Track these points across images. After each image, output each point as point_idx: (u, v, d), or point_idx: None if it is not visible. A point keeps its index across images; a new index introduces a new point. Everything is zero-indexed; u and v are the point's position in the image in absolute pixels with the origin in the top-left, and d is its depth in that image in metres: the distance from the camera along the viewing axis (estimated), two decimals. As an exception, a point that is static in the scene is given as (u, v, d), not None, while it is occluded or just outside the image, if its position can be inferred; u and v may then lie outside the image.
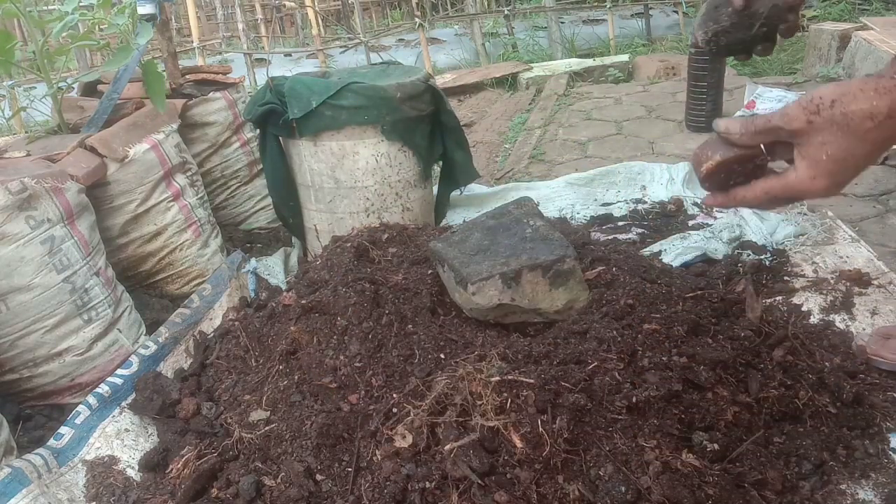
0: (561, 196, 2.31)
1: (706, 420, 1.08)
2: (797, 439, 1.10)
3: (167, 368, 1.48)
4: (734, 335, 1.23)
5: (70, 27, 1.77)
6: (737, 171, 0.86)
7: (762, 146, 0.83)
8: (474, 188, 2.47)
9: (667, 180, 2.29)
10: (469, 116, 3.84)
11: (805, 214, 1.92)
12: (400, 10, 7.71)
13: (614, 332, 1.17)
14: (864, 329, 1.41)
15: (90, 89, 2.17)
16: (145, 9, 1.91)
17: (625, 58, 4.43)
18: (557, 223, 1.92)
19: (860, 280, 1.55)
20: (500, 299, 1.26)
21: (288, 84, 1.81)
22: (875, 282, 1.55)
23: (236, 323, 1.50)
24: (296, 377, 1.24)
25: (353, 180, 1.87)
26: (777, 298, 1.51)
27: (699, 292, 1.39)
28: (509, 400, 1.03)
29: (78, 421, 1.28)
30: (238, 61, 5.17)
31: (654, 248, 1.81)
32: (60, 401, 1.50)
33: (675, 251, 1.76)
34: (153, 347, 1.48)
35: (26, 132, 2.17)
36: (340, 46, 5.68)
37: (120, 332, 1.56)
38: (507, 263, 1.28)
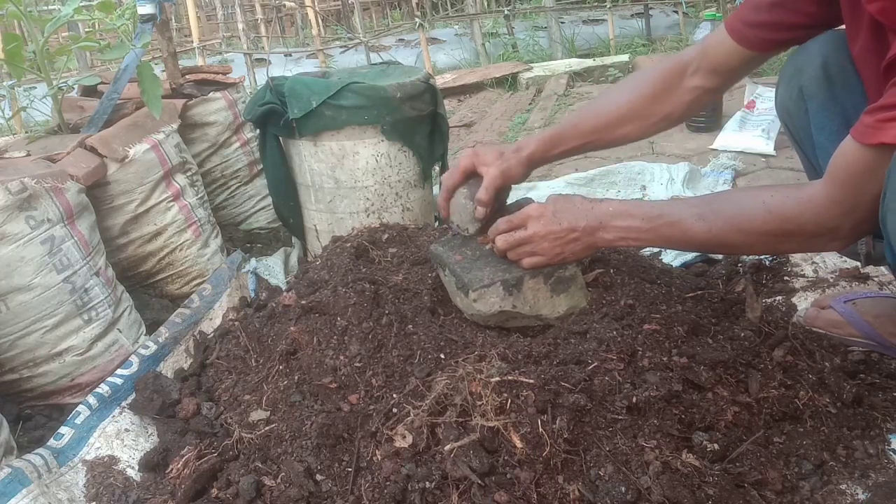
0: (561, 196, 2.30)
1: (706, 420, 1.08)
2: (797, 439, 1.10)
3: (167, 368, 1.48)
4: (734, 335, 1.23)
5: (63, 23, 1.77)
6: None
7: None
8: (474, 188, 2.47)
9: (667, 180, 2.29)
10: (469, 116, 3.84)
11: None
12: (400, 10, 7.71)
13: (614, 333, 1.17)
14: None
15: (90, 90, 2.17)
16: (145, 9, 1.91)
17: (625, 58, 4.43)
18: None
19: (859, 279, 1.55)
20: (501, 306, 1.26)
21: (288, 84, 1.81)
22: (874, 280, 1.54)
23: (236, 323, 1.50)
24: (296, 377, 1.24)
25: (353, 180, 1.87)
26: (777, 298, 1.51)
27: (699, 292, 1.39)
28: (509, 400, 1.03)
29: (78, 421, 1.28)
30: (238, 61, 5.17)
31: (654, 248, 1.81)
32: (60, 401, 1.50)
33: (675, 251, 1.76)
34: (153, 347, 1.48)
35: (26, 132, 2.17)
36: (340, 46, 5.69)
37: (120, 332, 1.56)
38: (508, 270, 1.28)
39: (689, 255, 1.73)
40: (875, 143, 0.91)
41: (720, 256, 1.71)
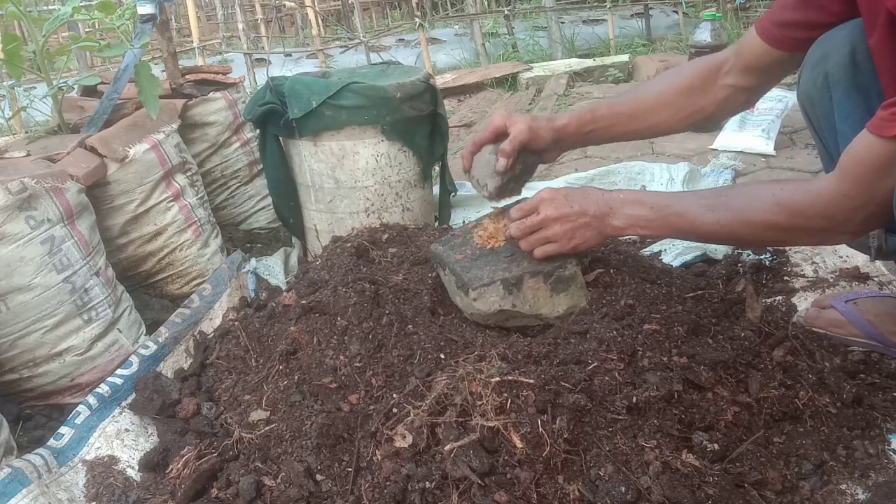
0: (561, 196, 2.30)
1: (706, 420, 1.08)
2: (797, 439, 1.10)
3: (167, 368, 1.48)
4: (734, 335, 1.23)
5: (62, 22, 1.77)
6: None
7: None
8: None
9: (667, 180, 2.29)
10: (469, 116, 3.83)
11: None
12: (400, 10, 7.71)
13: (614, 333, 1.17)
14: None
15: (90, 90, 2.17)
16: (145, 9, 1.91)
17: (625, 58, 4.43)
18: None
19: (860, 279, 1.55)
20: (501, 305, 1.26)
21: (288, 84, 1.81)
22: (874, 280, 1.54)
23: (236, 323, 1.50)
24: (296, 377, 1.24)
25: (353, 180, 1.87)
26: (777, 298, 1.51)
27: (699, 292, 1.39)
28: (509, 400, 1.03)
29: (78, 421, 1.28)
30: (238, 61, 5.16)
31: (654, 248, 1.81)
32: (60, 401, 1.50)
33: (675, 251, 1.76)
34: (153, 347, 1.48)
35: (26, 132, 2.18)
36: (340, 46, 5.68)
37: (120, 332, 1.56)
38: (508, 269, 1.28)
39: (690, 255, 1.73)
40: (889, 136, 0.91)
41: (720, 256, 1.71)
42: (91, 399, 1.32)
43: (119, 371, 1.41)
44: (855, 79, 1.14)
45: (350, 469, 1.07)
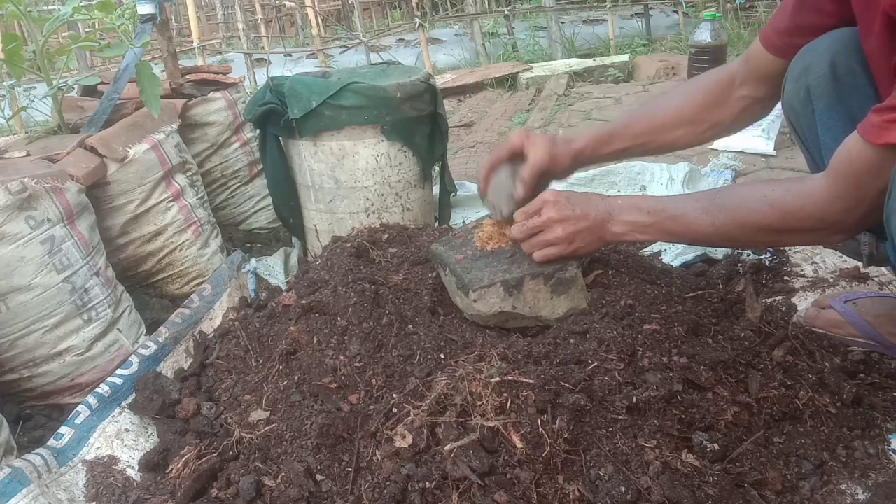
0: (561, 196, 2.30)
1: (706, 420, 1.08)
2: (797, 439, 1.10)
3: (167, 368, 1.48)
4: (734, 335, 1.23)
5: (62, 22, 1.78)
6: None
7: None
8: (475, 188, 2.47)
9: (667, 180, 2.29)
10: (469, 116, 3.84)
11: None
12: (400, 10, 7.72)
13: (614, 333, 1.17)
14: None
15: (90, 90, 2.17)
16: (145, 9, 1.91)
17: (625, 58, 4.43)
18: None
19: (859, 279, 1.55)
20: (501, 307, 1.26)
21: (288, 84, 1.81)
22: (874, 280, 1.54)
23: (236, 323, 1.50)
24: (296, 377, 1.24)
25: (353, 180, 1.88)
26: (777, 298, 1.51)
27: (699, 292, 1.39)
28: (509, 400, 1.03)
29: (78, 421, 1.28)
30: (238, 61, 5.17)
31: (654, 248, 1.81)
32: (60, 401, 1.50)
33: (675, 251, 1.76)
34: (153, 347, 1.48)
35: (26, 132, 2.17)
36: (340, 46, 5.69)
37: (120, 332, 1.56)
38: (508, 270, 1.28)
39: (690, 255, 1.73)
40: (881, 143, 0.91)
41: (720, 256, 1.71)
42: (91, 399, 1.32)
43: (119, 371, 1.41)
44: (836, 92, 1.14)
45: (350, 469, 1.07)
